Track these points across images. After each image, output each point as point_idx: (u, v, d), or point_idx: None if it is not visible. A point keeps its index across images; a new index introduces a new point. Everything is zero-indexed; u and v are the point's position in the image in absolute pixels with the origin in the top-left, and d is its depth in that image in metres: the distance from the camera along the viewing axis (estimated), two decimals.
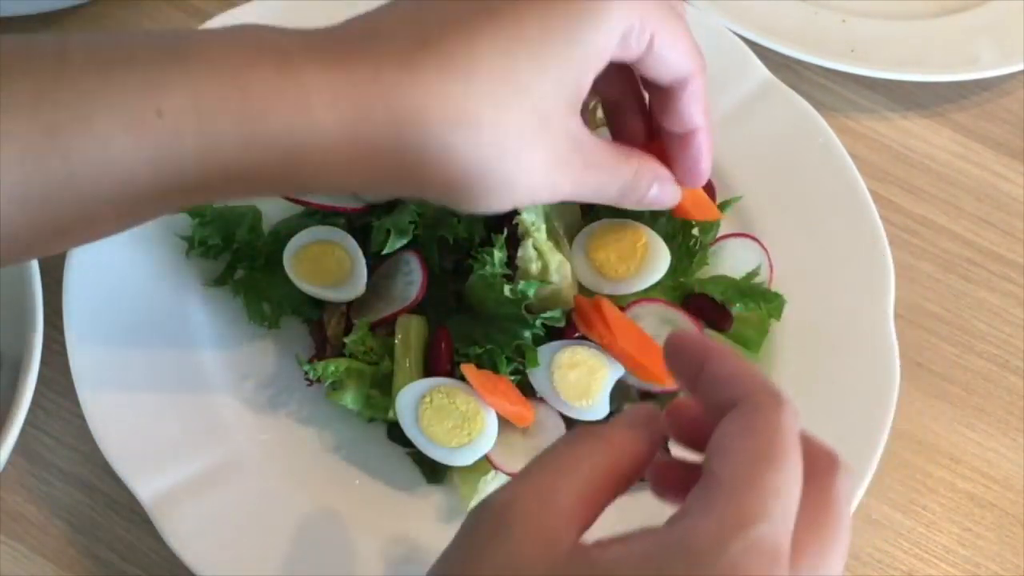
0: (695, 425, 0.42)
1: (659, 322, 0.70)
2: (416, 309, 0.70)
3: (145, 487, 0.64)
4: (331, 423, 0.71)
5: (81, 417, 0.66)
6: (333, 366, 0.67)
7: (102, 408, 0.66)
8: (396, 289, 0.71)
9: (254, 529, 0.65)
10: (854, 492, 0.40)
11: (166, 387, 0.69)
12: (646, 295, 0.71)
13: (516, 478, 0.40)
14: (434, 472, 0.69)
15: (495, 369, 0.67)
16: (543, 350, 0.68)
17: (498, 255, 0.67)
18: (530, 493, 0.39)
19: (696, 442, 0.42)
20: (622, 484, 0.41)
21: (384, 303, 0.71)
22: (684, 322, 0.69)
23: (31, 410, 0.62)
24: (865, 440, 0.70)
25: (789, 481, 0.37)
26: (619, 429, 0.42)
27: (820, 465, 0.40)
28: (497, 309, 0.68)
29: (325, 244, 0.71)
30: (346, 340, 0.68)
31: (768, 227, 0.79)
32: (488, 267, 0.67)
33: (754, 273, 0.73)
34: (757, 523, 0.35)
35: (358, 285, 0.70)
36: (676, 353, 0.43)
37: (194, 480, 0.66)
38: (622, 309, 0.69)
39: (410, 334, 0.69)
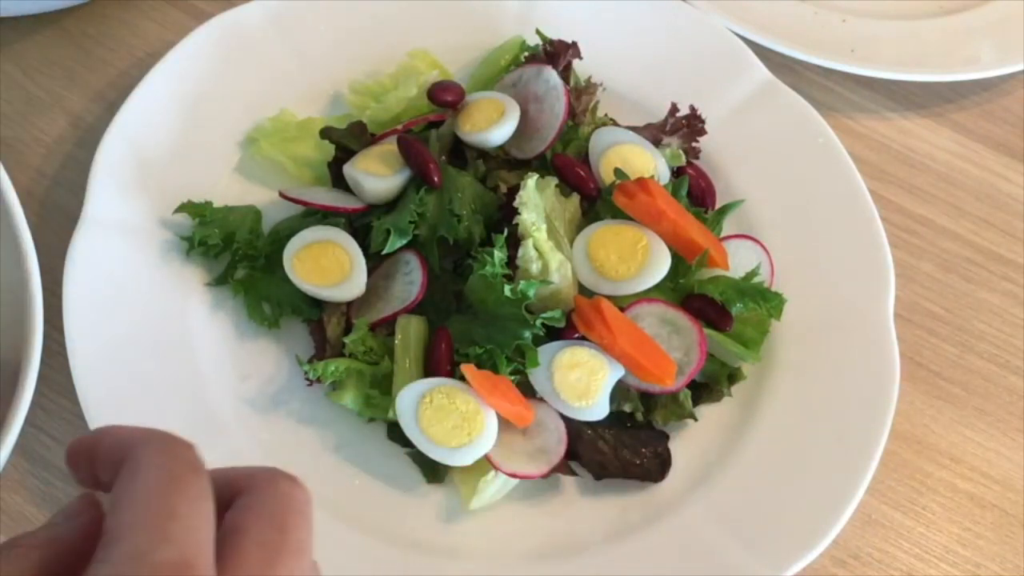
0: None
1: (659, 323, 0.70)
2: (416, 309, 0.70)
3: None
4: (331, 423, 0.71)
5: (81, 417, 0.66)
6: (333, 366, 0.67)
7: (102, 408, 0.66)
8: (396, 289, 0.71)
9: None
10: (305, 500, 0.38)
11: (166, 387, 0.69)
12: (646, 296, 0.71)
13: None
14: (434, 472, 0.69)
15: (495, 369, 0.67)
16: (543, 350, 0.68)
17: (498, 255, 0.67)
18: None
19: None
20: None
21: (384, 303, 0.71)
22: (684, 322, 0.69)
23: (31, 410, 0.61)
24: (865, 440, 0.70)
25: (190, 500, 0.35)
26: (42, 532, 0.38)
27: (259, 479, 0.39)
28: (497, 309, 0.68)
29: (325, 244, 0.71)
30: (346, 340, 0.68)
31: (768, 227, 0.79)
32: (488, 267, 0.67)
33: (754, 273, 0.73)
34: (156, 549, 0.33)
35: (358, 285, 0.70)
36: (72, 456, 0.39)
37: None
38: (622, 310, 0.69)
39: (410, 334, 0.69)
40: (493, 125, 0.74)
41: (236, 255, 0.73)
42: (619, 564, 0.67)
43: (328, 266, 0.70)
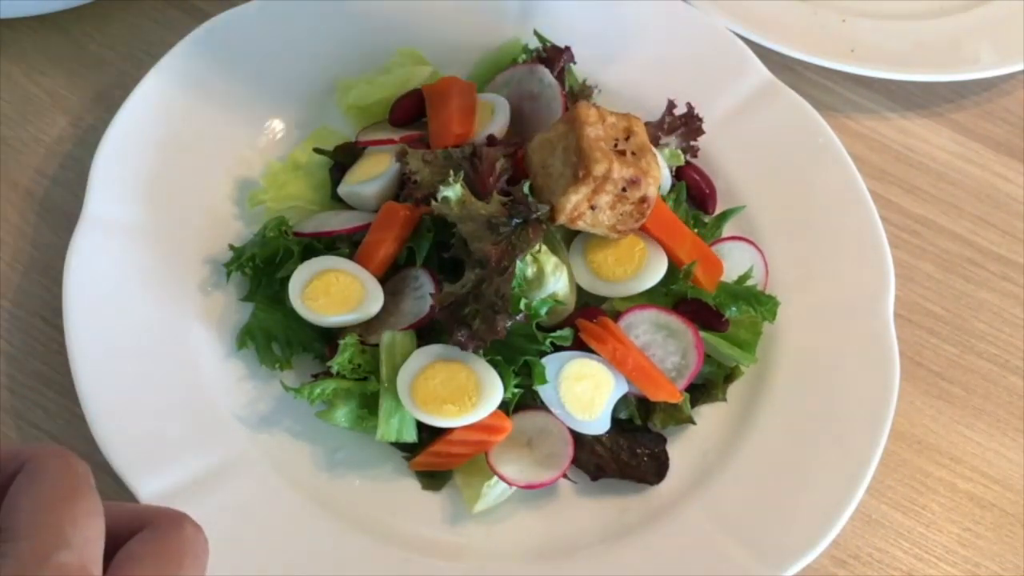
0: None
1: (653, 328, 0.70)
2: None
3: (145, 487, 0.64)
4: (331, 424, 0.71)
5: (81, 417, 0.66)
6: (319, 388, 0.67)
7: (102, 408, 0.66)
8: (406, 305, 0.71)
9: (254, 529, 0.65)
10: (204, 548, 0.41)
11: (166, 387, 0.69)
12: (638, 302, 0.70)
13: None
14: (431, 479, 0.69)
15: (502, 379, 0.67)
16: (553, 359, 0.67)
17: (520, 269, 0.66)
18: None
19: None
20: None
21: (395, 319, 0.70)
22: (679, 325, 0.69)
23: (31, 410, 0.61)
24: (865, 440, 0.70)
25: (87, 512, 0.37)
26: None
27: (165, 518, 0.41)
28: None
29: (325, 275, 0.70)
30: (330, 364, 0.67)
31: (768, 227, 0.79)
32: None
33: (747, 276, 0.73)
34: (59, 550, 0.36)
35: (376, 300, 0.69)
36: None
37: (194, 480, 0.66)
38: (617, 317, 0.69)
39: (395, 353, 0.68)
40: (486, 125, 0.74)
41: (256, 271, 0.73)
42: (619, 565, 0.67)
43: (339, 293, 0.69)
